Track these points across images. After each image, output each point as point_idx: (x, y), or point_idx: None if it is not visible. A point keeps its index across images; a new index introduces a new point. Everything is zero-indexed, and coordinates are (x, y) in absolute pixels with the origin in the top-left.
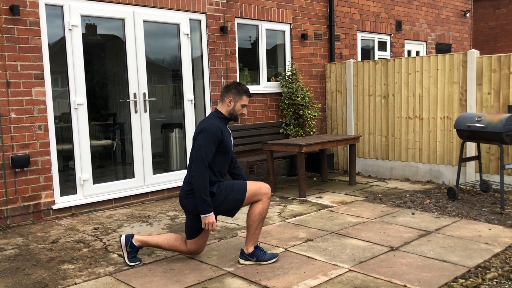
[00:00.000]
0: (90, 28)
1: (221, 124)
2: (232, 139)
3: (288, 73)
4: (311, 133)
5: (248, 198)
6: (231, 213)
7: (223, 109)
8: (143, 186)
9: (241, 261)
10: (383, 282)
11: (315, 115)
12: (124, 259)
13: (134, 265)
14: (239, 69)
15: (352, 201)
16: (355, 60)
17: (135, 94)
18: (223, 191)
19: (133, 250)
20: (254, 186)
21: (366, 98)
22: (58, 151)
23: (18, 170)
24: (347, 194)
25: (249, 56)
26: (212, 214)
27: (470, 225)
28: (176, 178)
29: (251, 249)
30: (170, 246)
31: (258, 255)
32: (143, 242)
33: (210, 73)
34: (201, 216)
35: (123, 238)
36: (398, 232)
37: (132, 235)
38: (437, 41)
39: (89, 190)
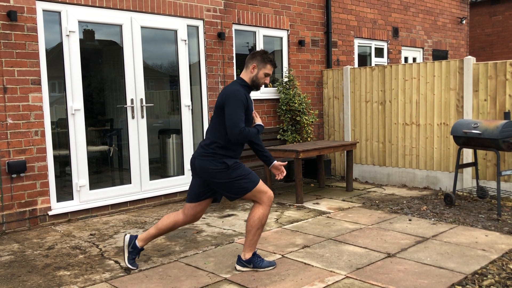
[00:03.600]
0: (87, 34)
1: (245, 91)
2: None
3: (286, 79)
4: (308, 139)
5: (254, 193)
6: (231, 196)
7: (246, 76)
8: (139, 192)
9: (238, 267)
10: None
11: (312, 121)
12: (124, 259)
13: (131, 269)
14: (237, 75)
15: (349, 207)
16: (352, 67)
17: (132, 99)
18: (237, 171)
19: (135, 251)
20: (263, 187)
21: (363, 104)
22: (55, 157)
23: (14, 176)
24: (344, 200)
25: None
26: (276, 162)
27: (467, 232)
28: (173, 184)
29: (248, 255)
30: (168, 226)
31: (255, 262)
32: (145, 239)
33: (207, 79)
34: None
35: (127, 237)
36: (395, 238)
37: (136, 236)
38: (433, 48)
39: (85, 196)
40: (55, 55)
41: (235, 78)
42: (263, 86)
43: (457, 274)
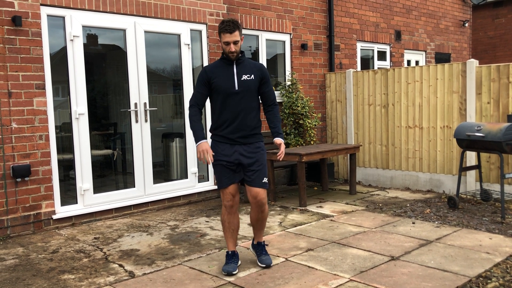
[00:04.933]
0: (91, 38)
1: (216, 64)
2: (236, 80)
3: (288, 83)
4: (311, 143)
5: (220, 193)
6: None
7: None
8: (143, 196)
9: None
10: None
11: (315, 125)
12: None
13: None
14: None
15: (353, 211)
16: (355, 70)
17: (136, 103)
18: (214, 168)
19: (259, 247)
20: (224, 191)
21: (366, 107)
22: (59, 161)
23: (19, 180)
24: (347, 204)
25: None
26: (202, 142)
27: (470, 235)
28: (177, 187)
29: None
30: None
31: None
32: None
33: None
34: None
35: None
36: (398, 241)
37: (252, 242)
38: (436, 51)
39: (89, 200)
40: (59, 60)
41: None
42: (232, 55)
43: (461, 277)
